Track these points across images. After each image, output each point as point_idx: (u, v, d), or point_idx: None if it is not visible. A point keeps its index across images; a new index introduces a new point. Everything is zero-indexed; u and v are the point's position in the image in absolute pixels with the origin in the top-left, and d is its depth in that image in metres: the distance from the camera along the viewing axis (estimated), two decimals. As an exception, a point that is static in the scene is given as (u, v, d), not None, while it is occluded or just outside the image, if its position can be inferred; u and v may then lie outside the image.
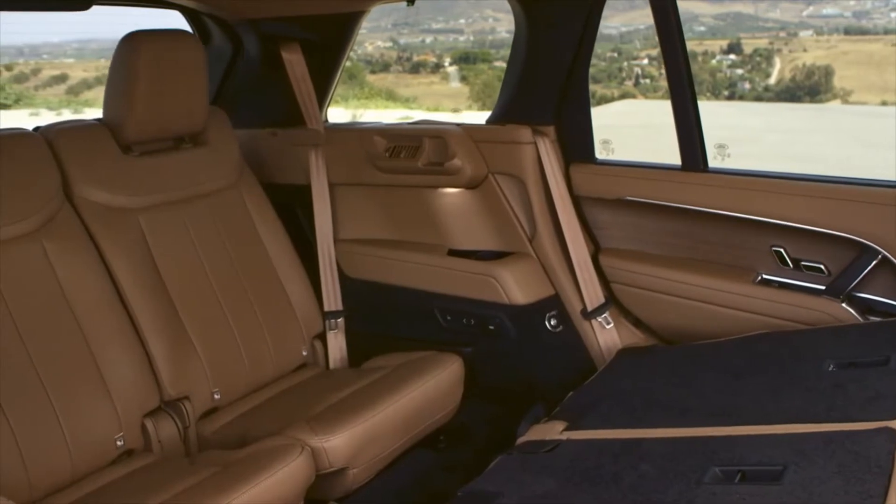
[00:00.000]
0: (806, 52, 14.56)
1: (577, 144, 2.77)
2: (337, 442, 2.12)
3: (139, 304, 2.36)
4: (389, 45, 16.76)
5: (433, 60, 16.59)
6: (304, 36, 2.99)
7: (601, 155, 2.79)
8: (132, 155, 2.52)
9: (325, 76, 3.12)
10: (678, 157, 2.58)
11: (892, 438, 1.67)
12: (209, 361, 2.45)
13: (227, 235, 2.66)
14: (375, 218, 3.09)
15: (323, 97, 3.15)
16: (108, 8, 2.78)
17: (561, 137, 2.78)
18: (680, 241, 2.67)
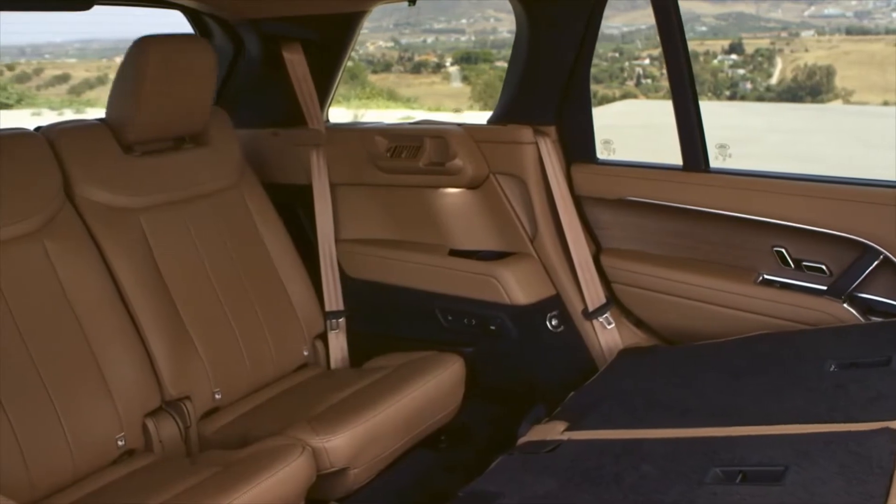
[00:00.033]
0: (807, 52, 14.55)
1: (578, 144, 2.77)
2: (338, 442, 2.12)
3: (140, 303, 2.36)
4: (391, 45, 16.76)
5: (435, 60, 16.59)
6: (305, 36, 2.99)
7: (602, 155, 2.79)
8: (133, 155, 2.52)
9: (326, 76, 3.12)
10: (679, 157, 2.58)
11: (893, 439, 1.67)
12: (210, 361, 2.45)
13: (228, 235, 2.66)
14: (377, 218, 3.10)
15: (324, 97, 3.15)
16: (109, 8, 2.78)
17: (562, 137, 2.78)
18: (681, 241, 2.67)
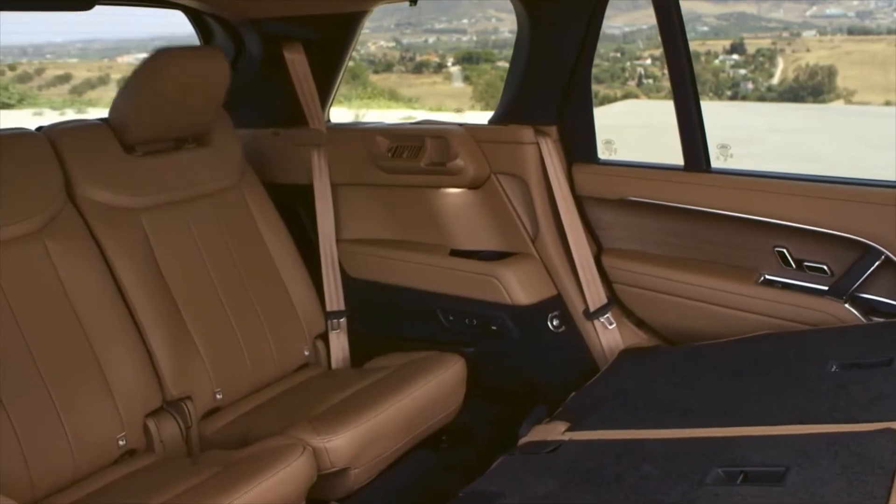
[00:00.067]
0: (809, 52, 14.53)
1: (579, 144, 2.77)
2: (339, 442, 2.12)
3: (141, 303, 2.36)
4: (392, 45, 16.74)
5: (436, 60, 16.57)
6: (306, 36, 2.99)
7: (604, 155, 2.79)
8: (135, 155, 2.52)
9: (327, 76, 3.12)
10: (681, 157, 2.58)
11: (894, 439, 1.67)
12: (211, 361, 2.46)
13: (229, 235, 2.66)
14: (378, 218, 3.09)
15: (325, 97, 3.15)
16: (111, 8, 2.78)
17: (563, 137, 2.78)
18: (682, 241, 2.67)
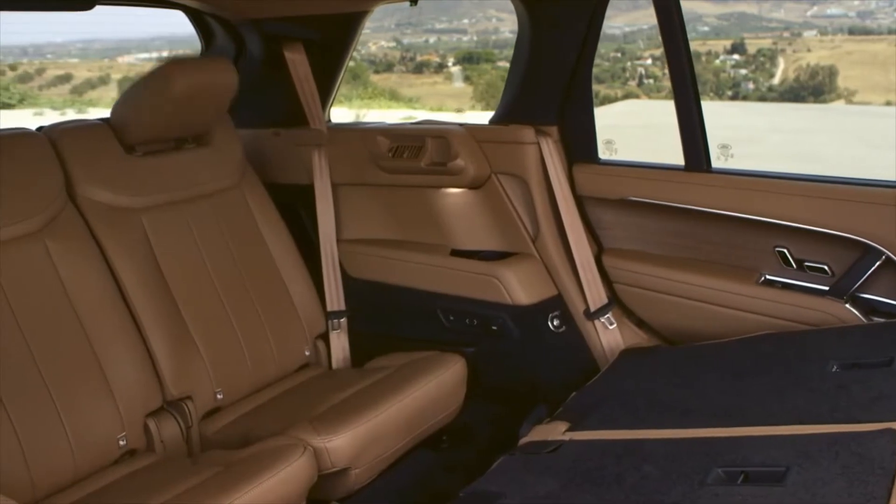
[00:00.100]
0: (810, 52, 14.52)
1: (580, 144, 2.77)
2: (339, 442, 2.12)
3: (142, 303, 2.36)
4: (393, 45, 16.74)
5: (436, 60, 16.57)
6: (307, 36, 2.99)
7: (604, 155, 2.78)
8: (135, 155, 2.52)
9: (328, 76, 3.12)
10: (681, 157, 2.58)
11: (895, 440, 1.67)
12: (212, 361, 2.46)
13: (229, 235, 2.66)
14: (378, 218, 3.09)
15: (326, 97, 3.15)
16: (111, 8, 2.78)
17: (564, 137, 2.78)
18: (683, 241, 2.67)
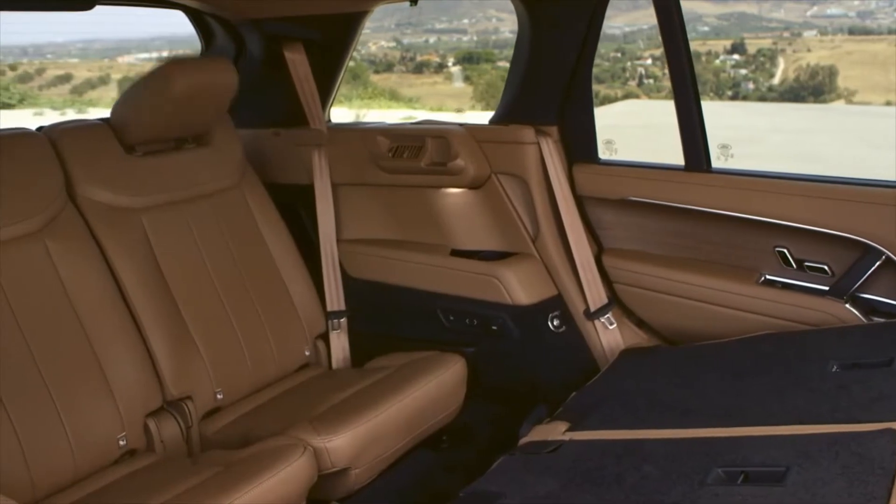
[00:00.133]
0: (810, 52, 14.52)
1: (580, 144, 2.77)
2: (339, 442, 2.12)
3: (142, 303, 2.36)
4: (393, 45, 16.74)
5: (436, 60, 16.57)
6: (307, 36, 2.99)
7: (604, 155, 2.78)
8: (135, 155, 2.52)
9: (328, 76, 3.12)
10: (681, 157, 2.58)
11: (895, 440, 1.67)
12: (212, 361, 2.45)
13: (229, 235, 2.66)
14: (378, 218, 3.09)
15: (326, 97, 3.15)
16: (111, 8, 2.78)
17: (564, 137, 2.78)
18: (683, 241, 2.67)
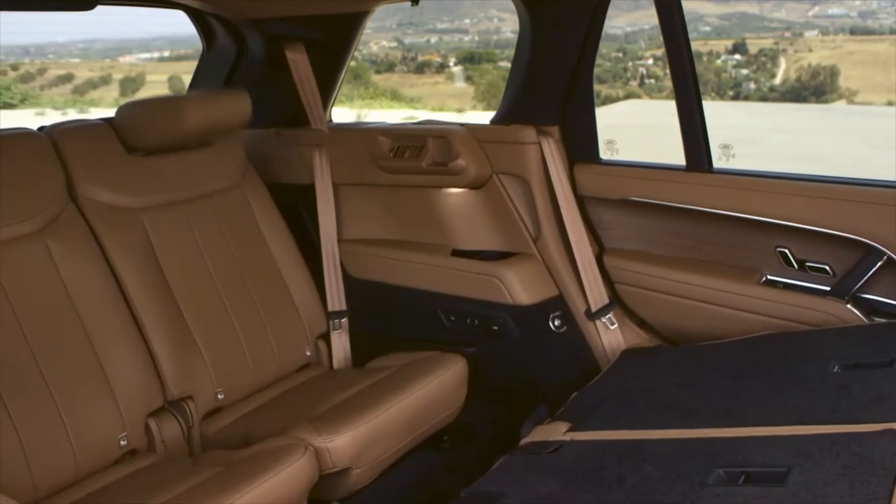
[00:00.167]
0: (811, 52, 14.52)
1: (581, 144, 2.77)
2: (340, 442, 2.12)
3: (143, 303, 2.36)
4: (394, 45, 16.76)
5: (438, 60, 16.59)
6: (308, 36, 2.99)
7: (605, 155, 2.78)
8: (136, 155, 2.52)
9: (329, 76, 3.12)
10: (683, 157, 2.58)
11: (896, 440, 1.67)
12: (213, 361, 2.46)
13: (230, 235, 2.66)
14: (379, 218, 3.09)
15: (327, 97, 3.15)
16: (112, 8, 2.78)
17: (565, 137, 2.77)
18: (684, 241, 2.67)
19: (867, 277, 2.36)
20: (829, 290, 2.44)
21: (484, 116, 3.08)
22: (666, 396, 2.17)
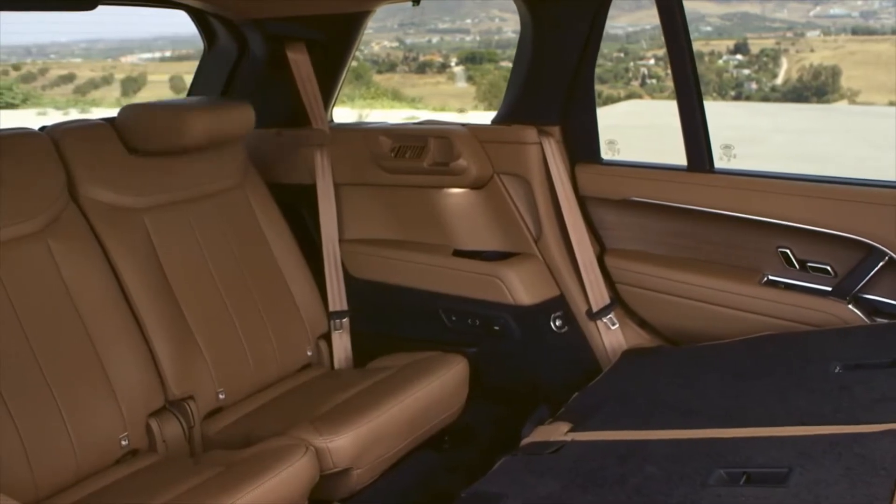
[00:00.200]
0: (813, 52, 14.53)
1: (582, 145, 2.77)
2: (341, 442, 2.12)
3: (144, 303, 2.36)
4: (396, 45, 16.77)
5: (439, 60, 16.60)
6: (309, 36, 2.99)
7: (607, 155, 2.78)
8: (138, 155, 2.52)
9: (330, 76, 3.12)
10: (684, 157, 2.58)
11: (898, 441, 1.66)
12: (214, 361, 2.46)
13: (232, 235, 2.66)
14: (380, 218, 3.09)
15: (328, 97, 3.15)
16: (114, 8, 2.78)
17: (566, 138, 2.77)
18: (686, 241, 2.66)
19: (868, 278, 2.36)
20: (830, 290, 2.44)
21: (485, 116, 3.08)
22: (667, 397, 2.17)
